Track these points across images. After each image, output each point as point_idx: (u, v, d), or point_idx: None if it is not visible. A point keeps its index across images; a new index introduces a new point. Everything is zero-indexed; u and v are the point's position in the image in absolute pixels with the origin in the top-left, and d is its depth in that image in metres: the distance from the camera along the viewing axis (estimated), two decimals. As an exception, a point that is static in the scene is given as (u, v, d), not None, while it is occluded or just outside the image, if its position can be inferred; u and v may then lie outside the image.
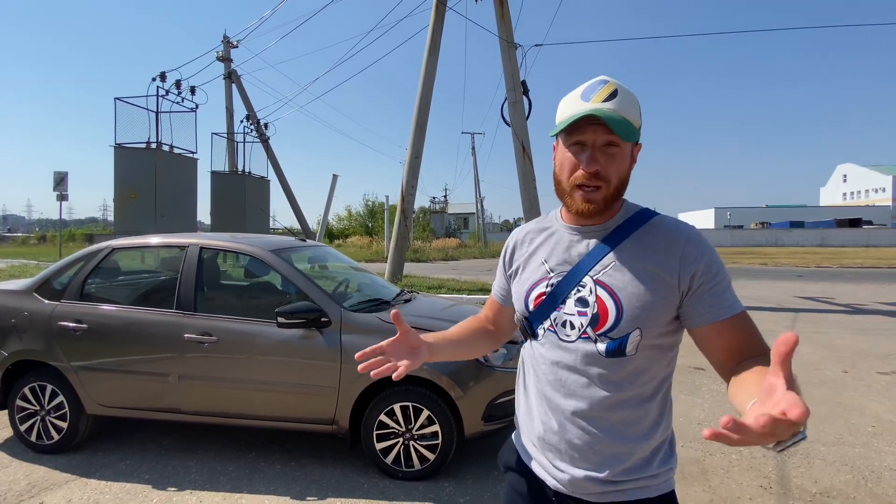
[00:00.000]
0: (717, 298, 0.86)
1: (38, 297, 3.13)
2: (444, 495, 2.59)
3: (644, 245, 0.90)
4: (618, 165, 0.88)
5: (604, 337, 0.88)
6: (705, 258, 0.87)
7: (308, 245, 3.71)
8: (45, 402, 3.02)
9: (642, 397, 0.90)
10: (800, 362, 5.15)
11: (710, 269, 0.86)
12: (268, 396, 2.81)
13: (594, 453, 0.90)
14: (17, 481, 2.70)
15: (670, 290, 0.87)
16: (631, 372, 0.88)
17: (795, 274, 15.87)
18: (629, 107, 0.88)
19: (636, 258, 0.89)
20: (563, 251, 0.96)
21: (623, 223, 0.93)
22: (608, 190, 0.88)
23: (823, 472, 2.82)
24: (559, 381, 0.93)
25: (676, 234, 0.89)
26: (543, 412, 0.96)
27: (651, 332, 0.87)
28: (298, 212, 17.48)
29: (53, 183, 13.85)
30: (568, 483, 0.93)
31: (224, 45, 16.54)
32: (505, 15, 9.95)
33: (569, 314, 0.91)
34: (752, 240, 42.49)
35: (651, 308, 0.86)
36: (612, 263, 0.90)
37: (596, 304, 0.88)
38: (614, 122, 0.84)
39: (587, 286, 0.90)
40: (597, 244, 0.92)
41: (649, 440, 0.91)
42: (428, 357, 1.01)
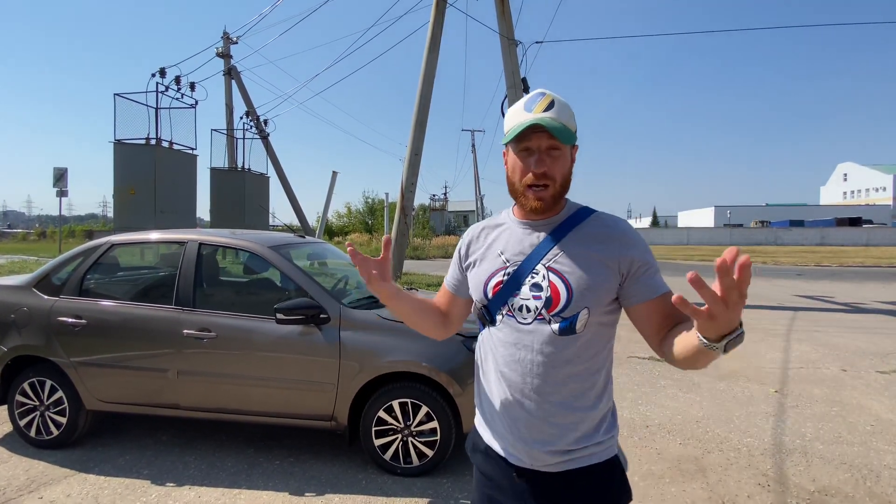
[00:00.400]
0: (650, 280, 1.00)
1: (38, 293, 3.13)
2: (442, 491, 2.59)
3: (587, 236, 1.03)
4: (561, 166, 1.02)
5: (557, 317, 0.99)
6: (639, 247, 1.02)
7: (307, 242, 3.71)
8: (44, 398, 3.02)
9: (590, 370, 1.02)
10: (799, 361, 5.16)
11: (644, 257, 1.01)
12: (266, 392, 2.81)
13: (549, 425, 1.01)
14: (17, 476, 2.70)
15: (612, 274, 1.00)
16: (580, 347, 1.01)
17: (795, 273, 15.88)
18: (565, 114, 1.01)
19: (581, 247, 1.02)
20: (517, 243, 1.08)
21: (568, 218, 1.06)
22: (555, 188, 1.02)
23: (822, 471, 2.82)
24: (517, 361, 1.02)
25: (614, 228, 1.04)
26: (502, 392, 1.05)
27: (596, 310, 1.00)
28: (298, 208, 17.46)
29: (53, 179, 13.83)
30: (526, 457, 1.03)
31: (224, 42, 16.49)
32: (506, 11, 9.92)
33: (524, 299, 1.02)
34: (752, 238, 42.47)
35: (596, 289, 0.99)
36: (561, 252, 1.02)
37: (549, 288, 1.00)
38: (555, 129, 0.97)
39: (540, 273, 1.02)
40: (546, 236, 1.05)
41: (596, 410, 1.03)
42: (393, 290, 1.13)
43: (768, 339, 6.13)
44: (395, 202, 10.79)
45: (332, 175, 18.47)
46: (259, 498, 2.52)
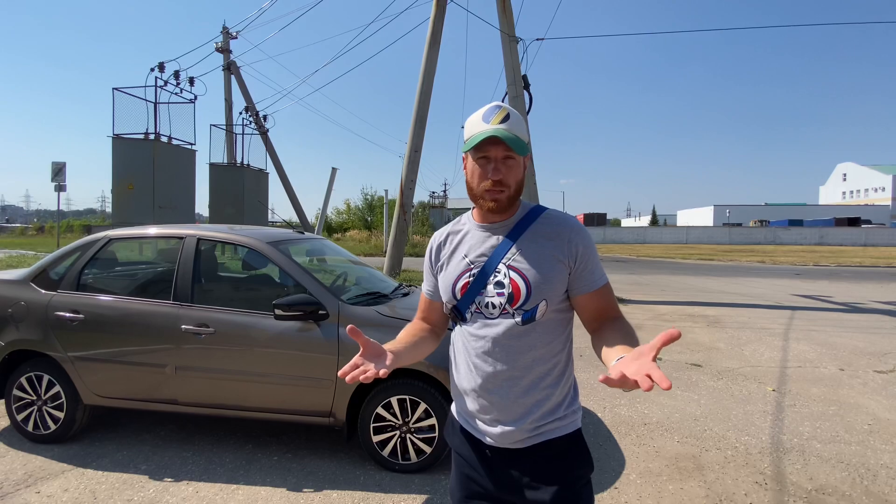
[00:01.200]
0: (591, 274, 1.13)
1: (35, 287, 3.12)
2: (439, 488, 2.59)
3: (540, 234, 1.14)
4: (515, 174, 1.12)
5: (519, 310, 1.10)
6: (584, 242, 1.13)
7: (306, 238, 3.70)
8: (41, 392, 3.02)
9: (552, 352, 1.14)
10: (797, 360, 5.17)
11: (588, 252, 1.13)
12: (265, 388, 2.80)
13: (519, 406, 1.12)
14: (14, 470, 2.70)
15: (563, 268, 1.12)
16: (542, 333, 1.12)
17: (793, 272, 15.90)
18: (519, 127, 1.11)
19: (535, 245, 1.13)
20: (478, 246, 1.18)
21: (522, 219, 1.17)
22: (510, 192, 1.12)
23: (819, 470, 2.83)
24: (487, 353, 1.13)
25: (563, 225, 1.15)
26: (474, 380, 1.16)
27: (553, 301, 1.12)
28: (297, 205, 17.44)
29: (52, 173, 13.78)
30: (499, 436, 1.14)
31: (223, 36, 16.42)
32: (507, 8, 9.88)
33: (490, 297, 1.12)
34: (751, 237, 42.53)
35: (551, 283, 1.10)
36: (518, 251, 1.13)
37: (510, 285, 1.11)
38: (510, 140, 1.07)
39: (502, 271, 1.12)
40: (504, 237, 1.15)
41: (558, 387, 1.14)
42: (395, 362, 1.07)
43: (766, 339, 6.14)
44: (395, 199, 10.77)
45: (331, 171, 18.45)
46: (257, 493, 2.52)
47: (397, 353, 1.12)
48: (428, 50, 9.87)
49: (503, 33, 9.79)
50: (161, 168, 10.25)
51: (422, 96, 9.98)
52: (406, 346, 1.22)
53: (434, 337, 1.33)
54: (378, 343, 1.07)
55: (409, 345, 1.23)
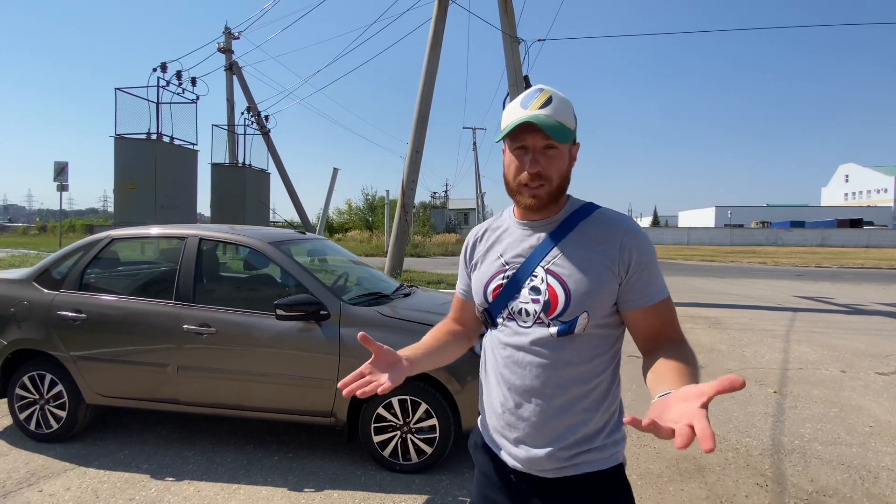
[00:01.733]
0: (646, 287, 0.97)
1: (38, 287, 3.13)
2: (440, 488, 2.59)
3: (588, 236, 0.99)
4: (557, 165, 0.98)
5: (556, 321, 0.96)
6: (640, 248, 0.97)
7: (308, 238, 3.71)
8: (44, 391, 3.03)
9: (592, 371, 0.98)
10: (798, 361, 5.16)
11: (643, 259, 0.97)
12: (266, 388, 2.81)
13: (549, 428, 0.98)
14: (17, 469, 2.71)
15: (612, 277, 0.96)
16: (581, 348, 0.97)
17: (795, 273, 15.87)
18: (563, 111, 0.97)
19: (581, 248, 0.98)
20: (516, 245, 1.05)
21: (568, 217, 1.02)
22: (551, 187, 0.98)
23: (820, 472, 2.82)
24: (517, 364, 1.01)
25: (616, 226, 0.99)
26: (501, 394, 1.04)
27: (597, 314, 0.97)
28: (298, 205, 17.46)
29: (54, 173, 13.81)
30: (524, 461, 1.01)
31: (225, 37, 16.46)
32: (508, 9, 9.88)
33: (524, 302, 1.00)
34: (752, 239, 42.46)
35: (595, 293, 0.95)
36: (560, 254, 0.99)
37: (547, 292, 0.97)
38: (549, 127, 0.93)
39: (539, 276, 0.99)
40: (546, 237, 1.02)
41: (597, 412, 1.00)
42: (409, 371, 1.01)
43: (767, 340, 6.13)
44: (396, 200, 10.78)
45: (332, 172, 18.48)
46: (258, 493, 2.52)
47: (414, 360, 1.04)
48: (430, 50, 9.88)
49: (505, 34, 9.80)
50: (163, 168, 10.28)
51: (423, 97, 9.99)
52: (428, 350, 1.13)
53: (464, 340, 1.24)
54: (392, 350, 1.00)
55: (431, 349, 1.14)
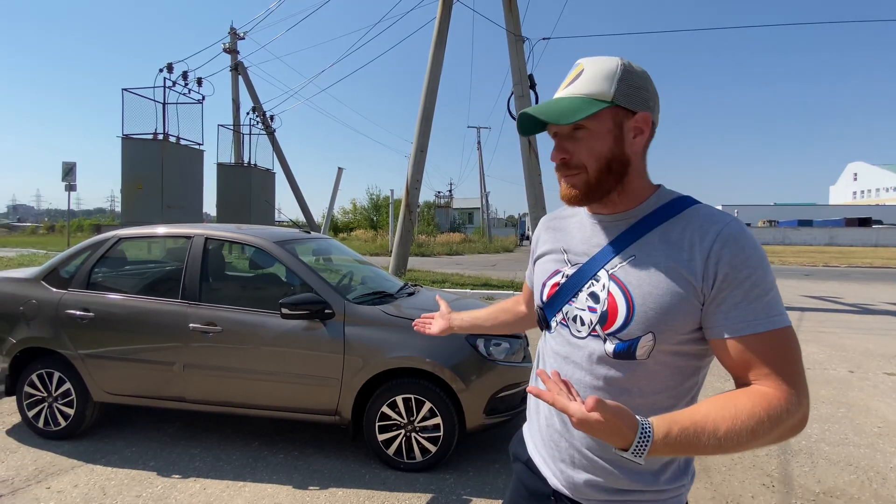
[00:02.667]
0: (736, 310, 0.74)
1: (46, 286, 3.16)
2: (445, 487, 2.60)
3: (670, 239, 0.80)
4: (590, 147, 0.81)
5: (612, 337, 0.80)
6: (736, 259, 0.74)
7: (312, 237, 3.72)
8: (52, 389, 3.06)
9: (655, 408, 0.80)
10: (806, 361, 5.11)
11: (738, 274, 0.74)
12: (271, 386, 2.82)
13: (596, 458, 0.85)
14: (25, 466, 2.74)
15: (692, 294, 0.76)
16: (643, 378, 0.81)
17: (803, 273, 15.73)
18: (594, 80, 0.80)
19: (659, 253, 0.79)
20: (582, 241, 0.90)
21: (652, 213, 0.83)
22: (588, 174, 0.82)
23: (827, 472, 2.80)
24: (565, 377, 0.86)
25: (708, 229, 0.77)
26: (549, 409, 0.92)
27: (668, 338, 0.78)
28: (303, 204, 17.52)
29: (62, 173, 13.95)
30: (566, 485, 0.89)
31: (231, 37, 16.53)
32: (513, 8, 9.86)
33: (580, 309, 0.85)
34: (760, 238, 42.09)
35: (667, 312, 0.77)
36: (631, 257, 0.81)
37: (607, 301, 0.81)
38: (548, 113, 0.79)
39: (601, 280, 0.83)
40: (618, 235, 0.85)
41: None
42: (453, 330, 1.32)
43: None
44: (401, 199, 10.79)
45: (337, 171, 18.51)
46: (263, 491, 2.53)
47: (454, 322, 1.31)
48: (434, 50, 9.87)
49: (509, 33, 9.78)
50: (169, 168, 10.35)
51: (428, 96, 9.99)
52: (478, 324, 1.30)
53: (527, 320, 1.24)
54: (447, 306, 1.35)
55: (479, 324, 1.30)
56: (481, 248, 28.79)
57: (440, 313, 1.35)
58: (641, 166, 0.86)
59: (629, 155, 0.83)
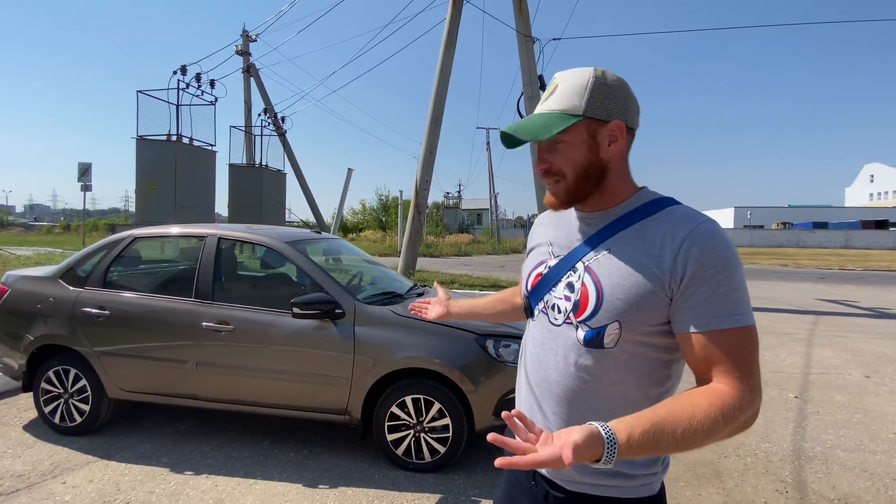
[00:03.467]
0: (700, 306, 0.78)
1: (63, 284, 3.22)
2: (454, 487, 2.60)
3: (645, 235, 0.85)
4: (566, 157, 0.87)
5: (583, 325, 0.86)
6: (705, 257, 0.78)
7: (323, 237, 3.75)
8: (68, 386, 3.11)
9: (624, 397, 0.85)
10: (821, 366, 5.04)
11: (706, 272, 0.77)
12: (282, 385, 2.85)
13: None
14: (42, 461, 2.79)
15: (659, 288, 0.80)
16: (611, 367, 0.85)
17: (818, 276, 15.47)
18: (566, 95, 0.86)
19: (632, 248, 0.85)
20: (566, 235, 0.97)
21: (631, 211, 0.89)
22: (567, 181, 0.88)
23: (842, 479, 2.75)
24: (540, 363, 0.94)
25: (681, 228, 0.81)
26: (525, 391, 0.99)
27: (634, 328, 0.82)
28: (313, 205, 17.64)
29: (78, 173, 14.19)
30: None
31: (243, 40, 16.71)
32: (523, 8, 9.85)
33: (558, 298, 0.92)
34: (773, 240, 41.53)
35: (633, 303, 0.81)
36: (606, 251, 0.87)
37: (580, 290, 0.87)
38: (524, 131, 0.86)
39: (578, 271, 0.89)
40: (597, 231, 0.91)
41: None
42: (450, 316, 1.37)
43: (789, 344, 5.99)
44: (409, 200, 10.82)
45: (347, 172, 18.62)
46: (274, 488, 2.56)
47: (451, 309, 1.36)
48: (444, 51, 9.89)
49: (519, 33, 9.77)
50: (182, 168, 10.49)
51: (437, 97, 10.01)
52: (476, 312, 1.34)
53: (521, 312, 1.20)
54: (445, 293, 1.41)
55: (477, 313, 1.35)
56: (490, 248, 28.76)
57: (437, 299, 1.39)
58: (622, 168, 0.91)
59: (605, 161, 0.88)
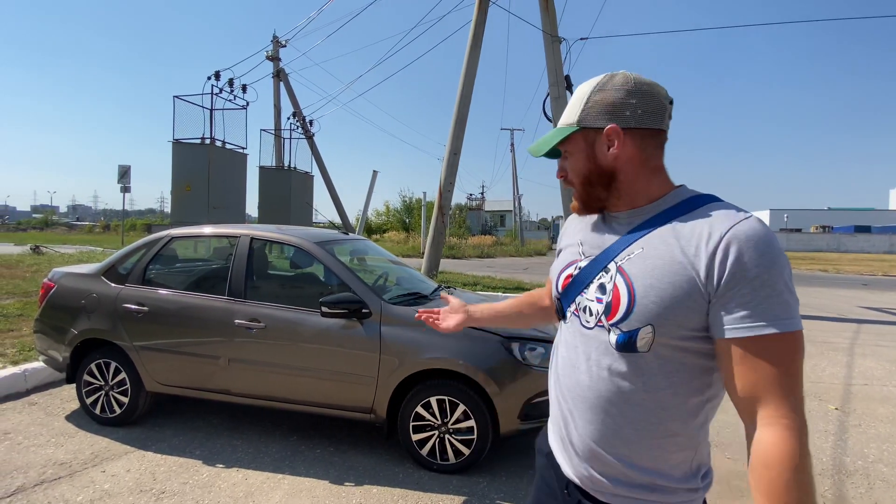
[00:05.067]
0: (739, 308, 0.72)
1: (105, 281, 3.37)
2: (478, 490, 2.59)
3: (680, 233, 0.80)
4: (572, 166, 0.93)
5: (615, 327, 0.82)
6: (745, 256, 0.72)
7: (350, 238, 3.81)
8: (108, 378, 3.26)
9: (659, 404, 0.81)
10: (863, 377, 4.80)
11: (747, 273, 0.71)
12: (310, 382, 2.90)
13: (598, 447, 0.86)
14: (83, 450, 2.93)
15: (696, 289, 0.75)
16: (646, 372, 0.81)
17: (860, 282, 14.74)
18: (567, 110, 0.92)
19: (666, 247, 0.80)
20: (597, 234, 0.94)
21: (665, 210, 0.85)
22: (577, 189, 0.94)
23: (885, 495, 2.61)
24: (573, 367, 0.90)
25: (719, 223, 0.76)
26: (557, 398, 0.95)
27: (668, 332, 0.77)
28: (339, 206, 17.92)
29: (118, 175, 14.85)
30: (577, 475, 0.91)
31: (273, 45, 17.14)
32: (549, 8, 9.76)
33: (590, 300, 0.89)
34: (812, 244, 39.80)
35: (667, 305, 0.77)
36: (639, 250, 0.83)
37: (612, 292, 0.84)
38: (539, 148, 0.94)
39: (610, 272, 0.86)
40: (629, 230, 0.88)
41: (665, 451, 0.82)
42: (471, 322, 1.27)
43: (829, 353, 5.73)
44: (433, 201, 10.86)
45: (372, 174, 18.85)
46: (301, 484, 2.61)
47: (473, 314, 1.26)
48: (469, 52, 9.90)
49: (545, 34, 9.68)
50: (215, 171, 10.82)
51: (462, 99, 10.02)
52: (499, 314, 1.27)
53: (549, 315, 1.21)
54: (459, 303, 1.29)
55: (501, 314, 1.27)
56: (513, 250, 28.56)
57: (452, 307, 1.30)
58: (637, 169, 0.88)
59: (607, 166, 0.88)
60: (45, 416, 3.37)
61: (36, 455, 2.82)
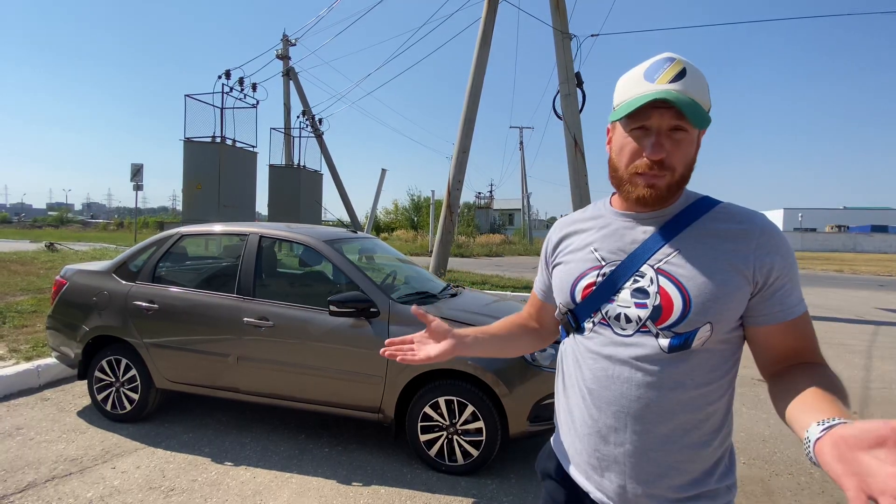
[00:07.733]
0: (787, 297, 0.81)
1: (116, 278, 3.39)
2: (486, 492, 2.56)
3: (712, 232, 0.83)
4: (684, 153, 0.82)
5: (667, 331, 0.80)
6: (780, 251, 0.81)
7: (359, 237, 3.79)
8: (119, 375, 3.28)
9: (707, 398, 0.83)
10: (881, 380, 4.68)
11: (785, 266, 0.81)
12: (318, 381, 2.89)
13: (648, 461, 0.83)
14: (93, 446, 2.95)
15: (744, 283, 0.80)
16: (695, 367, 0.81)
17: (877, 283, 14.44)
18: (698, 88, 0.80)
19: (705, 246, 0.82)
20: (615, 239, 0.89)
21: (684, 210, 0.86)
22: (672, 178, 0.82)
23: (910, 504, 2.53)
24: (610, 379, 0.85)
25: (749, 223, 0.83)
26: (589, 414, 0.88)
27: (722, 327, 0.81)
28: (348, 204, 17.97)
29: (131, 174, 15.01)
30: (616, 495, 0.86)
31: (283, 44, 17.22)
32: (560, 5, 9.66)
33: (623, 306, 0.84)
34: (827, 244, 39.13)
35: (724, 301, 0.79)
36: (675, 251, 0.83)
37: (658, 296, 0.81)
38: (686, 105, 0.77)
39: (647, 276, 0.83)
40: (655, 231, 0.86)
41: (709, 448, 0.84)
42: (459, 351, 1.00)
43: (846, 356, 5.60)
44: (441, 200, 10.83)
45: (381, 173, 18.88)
46: (309, 483, 2.60)
47: (468, 341, 1.01)
48: (478, 50, 9.84)
49: (556, 30, 9.59)
50: (226, 169, 10.90)
51: (471, 97, 9.97)
52: (495, 335, 1.08)
53: (537, 339, 1.13)
54: (444, 326, 0.99)
55: (499, 335, 1.09)
56: (521, 249, 28.43)
57: (431, 332, 0.99)
58: None
59: (694, 164, 0.87)
60: (56, 412, 3.40)
61: (47, 451, 2.85)
